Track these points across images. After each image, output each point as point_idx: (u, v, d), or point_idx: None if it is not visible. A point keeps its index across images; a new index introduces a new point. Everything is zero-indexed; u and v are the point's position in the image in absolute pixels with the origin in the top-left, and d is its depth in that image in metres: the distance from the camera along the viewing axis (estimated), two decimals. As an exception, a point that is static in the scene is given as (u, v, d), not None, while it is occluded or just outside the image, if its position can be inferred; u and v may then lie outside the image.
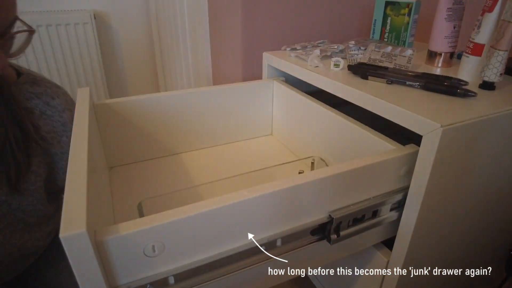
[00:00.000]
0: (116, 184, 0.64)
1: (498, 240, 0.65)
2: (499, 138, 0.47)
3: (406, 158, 0.45)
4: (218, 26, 0.99)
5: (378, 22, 0.78)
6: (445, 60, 0.64)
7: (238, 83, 0.74)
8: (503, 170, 0.52)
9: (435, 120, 0.41)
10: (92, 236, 0.29)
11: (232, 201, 0.35)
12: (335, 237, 0.44)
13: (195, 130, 0.74)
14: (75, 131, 0.43)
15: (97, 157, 0.53)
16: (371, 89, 0.52)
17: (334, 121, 0.59)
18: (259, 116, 0.79)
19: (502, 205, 0.58)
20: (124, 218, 0.50)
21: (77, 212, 0.29)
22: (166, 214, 0.33)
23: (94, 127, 0.57)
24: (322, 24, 0.95)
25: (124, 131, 0.67)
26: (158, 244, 0.33)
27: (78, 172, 0.35)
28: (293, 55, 0.72)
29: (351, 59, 0.66)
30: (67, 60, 1.46)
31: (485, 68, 0.51)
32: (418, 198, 0.44)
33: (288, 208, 0.39)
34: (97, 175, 0.47)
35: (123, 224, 0.31)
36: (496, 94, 0.51)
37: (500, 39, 0.49)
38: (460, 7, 0.60)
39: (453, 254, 0.58)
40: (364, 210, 0.45)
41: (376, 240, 0.53)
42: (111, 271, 0.32)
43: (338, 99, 0.57)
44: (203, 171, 0.69)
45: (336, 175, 0.40)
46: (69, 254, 0.28)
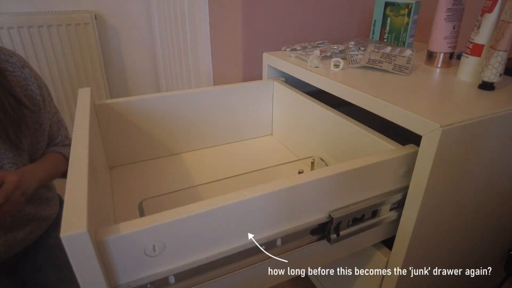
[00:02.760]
0: (117, 184, 0.64)
1: (497, 240, 0.65)
2: (498, 138, 0.47)
3: (406, 158, 0.46)
4: (218, 26, 0.99)
5: (378, 23, 0.78)
6: (445, 60, 0.64)
7: (238, 84, 0.74)
8: (502, 170, 0.52)
9: (435, 120, 0.41)
10: (92, 235, 0.29)
11: (232, 201, 0.35)
12: (335, 237, 0.44)
13: (195, 130, 0.74)
14: (76, 131, 0.44)
15: (98, 157, 0.53)
16: (371, 89, 0.52)
17: (334, 121, 0.60)
18: (259, 116, 0.79)
19: (502, 205, 0.58)
20: (124, 218, 0.50)
21: (78, 212, 0.29)
22: (166, 213, 0.33)
23: (95, 127, 0.58)
24: (322, 24, 0.95)
25: (125, 131, 0.67)
26: (159, 244, 0.33)
27: (79, 172, 0.35)
28: (293, 55, 0.72)
29: (351, 59, 0.66)
30: (68, 60, 1.46)
31: (485, 69, 0.52)
32: (417, 198, 0.45)
33: (288, 208, 0.40)
34: (98, 175, 0.47)
35: (123, 224, 0.31)
36: (496, 94, 0.51)
37: (499, 40, 0.49)
38: (460, 7, 0.61)
39: (452, 254, 0.58)
40: (363, 210, 0.45)
41: (376, 240, 0.53)
42: (112, 271, 0.32)
43: (338, 99, 0.57)
44: (203, 171, 0.69)
45: (336, 175, 0.41)
46: (70, 254, 0.28)
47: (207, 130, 0.75)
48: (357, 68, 0.64)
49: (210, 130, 0.75)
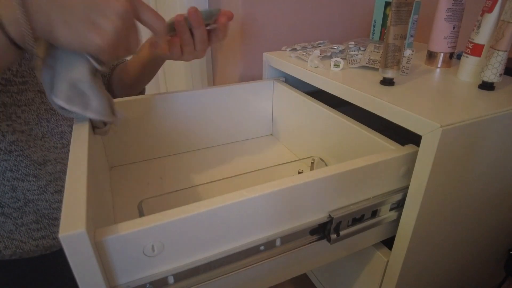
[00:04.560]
0: (117, 183, 0.64)
1: (497, 240, 0.65)
2: (498, 138, 0.47)
3: (406, 158, 0.45)
4: (218, 26, 0.99)
5: (378, 23, 0.78)
6: (445, 60, 0.64)
7: (238, 83, 0.74)
8: (503, 170, 0.52)
9: (435, 120, 0.41)
10: (91, 235, 0.29)
11: (231, 201, 0.35)
12: (335, 237, 0.44)
13: (195, 130, 0.74)
14: (76, 131, 0.44)
15: (98, 157, 0.53)
16: (370, 89, 0.52)
17: (334, 121, 0.60)
18: (259, 116, 0.79)
19: (502, 205, 0.58)
20: (124, 218, 0.50)
21: (76, 212, 0.29)
22: (165, 213, 0.33)
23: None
24: (322, 24, 0.95)
25: (125, 131, 0.67)
26: (158, 244, 0.33)
27: (78, 171, 0.35)
28: (293, 55, 0.72)
29: (351, 59, 0.66)
30: (67, 60, 1.46)
31: (485, 69, 0.52)
32: (417, 198, 0.45)
33: (288, 208, 0.39)
34: (98, 175, 0.47)
35: (122, 224, 0.31)
36: (496, 94, 0.51)
37: (499, 40, 0.49)
38: (460, 7, 0.60)
39: (452, 254, 0.58)
40: (363, 210, 0.45)
41: (376, 240, 0.53)
42: (111, 271, 0.32)
43: (338, 99, 0.57)
44: (203, 171, 0.69)
45: (335, 175, 0.41)
46: (68, 254, 0.28)
47: (207, 130, 0.75)
48: (357, 68, 0.64)
49: (210, 130, 0.75)
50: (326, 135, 0.63)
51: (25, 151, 0.56)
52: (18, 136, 0.55)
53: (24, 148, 0.55)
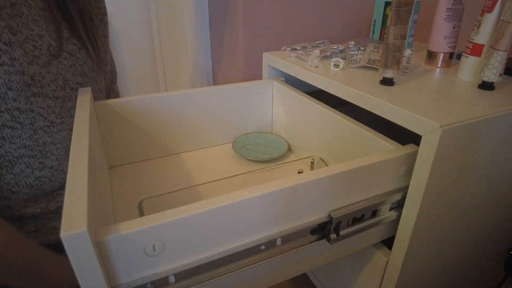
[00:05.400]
0: (117, 183, 0.64)
1: (497, 240, 0.65)
2: (498, 138, 0.47)
3: (406, 158, 0.46)
4: (218, 26, 0.99)
5: (378, 23, 0.78)
6: (445, 60, 0.65)
7: (238, 83, 0.74)
8: (502, 170, 0.52)
9: (435, 120, 0.41)
10: (92, 235, 0.29)
11: (232, 201, 0.35)
12: (335, 237, 0.44)
13: (195, 130, 0.74)
14: (76, 131, 0.44)
15: (98, 156, 0.53)
16: (370, 89, 0.52)
17: (334, 121, 0.60)
18: (259, 116, 0.79)
19: (501, 205, 0.58)
20: (124, 218, 0.50)
21: (77, 212, 0.29)
22: (166, 213, 0.33)
23: (95, 127, 0.58)
24: (322, 24, 0.95)
25: (125, 131, 0.67)
26: (159, 244, 0.33)
27: (79, 171, 0.35)
28: (293, 55, 0.72)
29: (350, 59, 0.66)
30: (67, 60, 1.46)
31: (485, 69, 0.52)
32: (417, 197, 0.45)
33: (288, 207, 0.40)
34: (98, 175, 0.47)
35: (123, 224, 0.31)
36: (496, 94, 0.51)
37: (499, 40, 0.49)
38: (460, 7, 0.61)
39: (452, 254, 0.58)
40: (363, 209, 0.45)
41: (376, 240, 0.53)
42: (112, 270, 0.32)
43: (338, 99, 0.57)
44: (203, 171, 0.69)
45: (335, 175, 0.41)
46: (69, 253, 0.28)
47: (207, 130, 0.75)
48: (357, 68, 0.64)
49: (210, 130, 0.75)
50: (326, 135, 0.63)
51: (44, 185, 0.58)
52: (45, 172, 0.58)
53: (45, 183, 0.58)
